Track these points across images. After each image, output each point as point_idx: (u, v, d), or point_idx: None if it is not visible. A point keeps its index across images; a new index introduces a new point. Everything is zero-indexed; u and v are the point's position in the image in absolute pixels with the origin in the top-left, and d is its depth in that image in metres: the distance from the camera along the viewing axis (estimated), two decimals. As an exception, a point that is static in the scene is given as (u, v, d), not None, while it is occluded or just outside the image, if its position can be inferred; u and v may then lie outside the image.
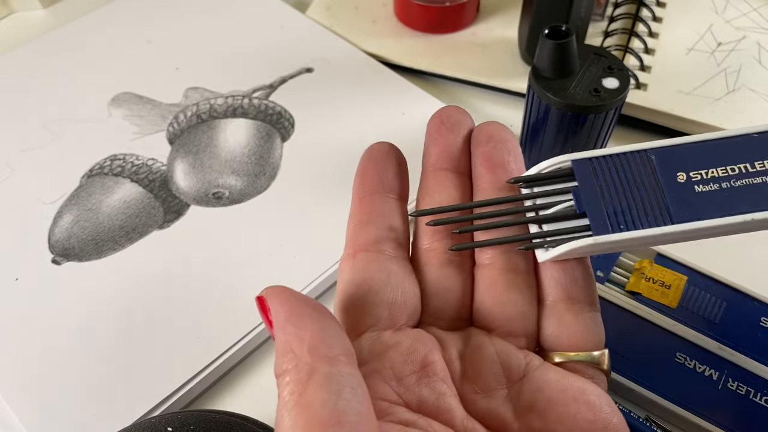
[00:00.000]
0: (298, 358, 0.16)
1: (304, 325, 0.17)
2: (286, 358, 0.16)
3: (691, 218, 0.18)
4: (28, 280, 0.32)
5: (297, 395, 0.16)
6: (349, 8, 0.47)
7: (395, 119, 0.39)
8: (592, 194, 0.19)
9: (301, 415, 0.15)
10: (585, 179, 0.19)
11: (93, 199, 0.36)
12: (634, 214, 0.19)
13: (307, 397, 0.15)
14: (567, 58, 0.32)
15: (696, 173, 0.19)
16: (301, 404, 0.15)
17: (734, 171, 0.19)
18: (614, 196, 0.19)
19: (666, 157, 0.19)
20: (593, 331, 0.21)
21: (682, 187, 0.19)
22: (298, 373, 0.16)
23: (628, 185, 0.19)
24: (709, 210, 0.18)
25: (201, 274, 0.33)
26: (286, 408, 0.16)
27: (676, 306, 0.30)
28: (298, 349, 0.16)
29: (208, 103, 0.40)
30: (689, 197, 0.18)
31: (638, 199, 0.19)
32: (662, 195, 0.19)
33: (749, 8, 0.45)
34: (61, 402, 0.28)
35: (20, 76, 0.43)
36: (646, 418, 0.28)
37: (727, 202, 0.18)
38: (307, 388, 0.16)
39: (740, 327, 0.29)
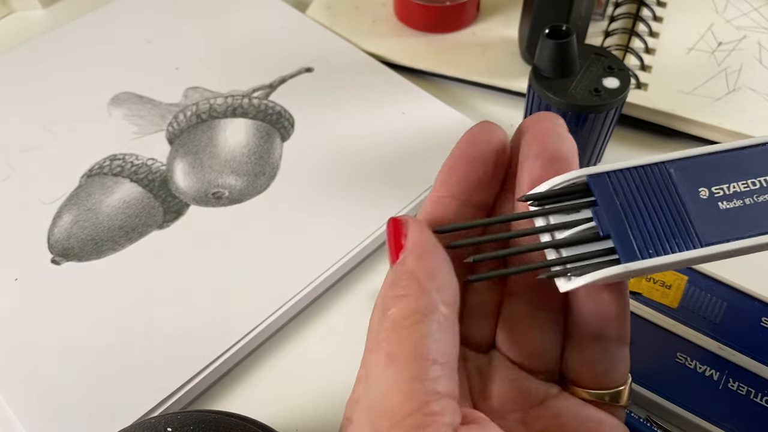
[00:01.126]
0: (425, 292, 0.16)
1: (437, 266, 0.17)
2: (410, 284, 0.16)
3: (720, 239, 0.17)
4: (27, 280, 0.32)
5: (412, 321, 0.16)
6: (349, 8, 0.47)
7: (395, 119, 0.39)
8: (614, 214, 0.18)
9: (409, 338, 0.15)
10: (605, 197, 0.18)
11: (92, 199, 0.36)
12: (662, 237, 0.17)
13: (422, 330, 0.16)
14: (567, 58, 0.32)
15: (718, 188, 0.18)
16: (414, 329, 0.16)
17: (755, 185, 0.18)
18: (638, 217, 0.18)
19: (684, 171, 0.18)
20: (619, 369, 0.20)
21: (706, 204, 0.18)
22: (418, 303, 0.16)
23: (650, 203, 0.18)
24: (738, 229, 0.17)
25: (201, 274, 0.32)
26: (397, 328, 0.16)
27: (676, 306, 0.30)
28: (427, 285, 0.16)
29: (207, 102, 0.40)
30: (715, 215, 0.17)
31: (663, 219, 0.17)
32: (686, 214, 0.17)
33: (750, 8, 0.45)
34: (61, 402, 0.28)
35: (20, 76, 0.43)
36: (647, 418, 0.28)
37: (754, 219, 0.17)
38: (424, 319, 0.16)
39: (741, 327, 0.29)
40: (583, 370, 0.20)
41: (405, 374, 0.15)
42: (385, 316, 0.16)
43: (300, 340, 0.32)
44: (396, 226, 0.18)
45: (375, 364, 0.16)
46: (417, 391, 0.15)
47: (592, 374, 0.20)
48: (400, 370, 0.15)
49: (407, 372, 0.15)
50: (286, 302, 0.31)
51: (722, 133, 0.38)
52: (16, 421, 0.28)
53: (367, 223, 0.34)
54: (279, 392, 0.30)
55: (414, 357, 0.15)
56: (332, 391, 0.30)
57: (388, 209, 0.35)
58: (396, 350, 0.16)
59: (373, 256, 0.35)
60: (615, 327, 0.20)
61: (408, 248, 0.17)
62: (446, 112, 0.40)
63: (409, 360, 0.15)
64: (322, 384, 0.31)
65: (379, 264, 0.35)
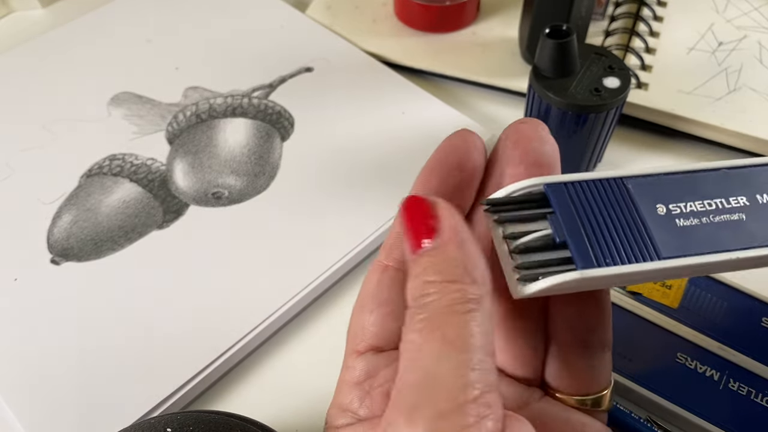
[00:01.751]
0: (476, 281, 0.16)
1: (478, 255, 0.16)
2: (458, 271, 0.16)
3: (678, 254, 0.17)
4: (27, 280, 0.32)
5: (466, 308, 0.15)
6: (349, 7, 0.47)
7: (395, 119, 0.39)
8: (571, 223, 0.17)
9: (466, 325, 0.15)
10: (562, 206, 0.17)
11: (92, 199, 0.36)
12: (619, 247, 0.17)
13: (475, 316, 0.15)
14: (568, 58, 0.32)
15: (675, 206, 0.18)
16: (470, 317, 0.15)
17: (711, 206, 0.18)
18: (596, 227, 0.17)
19: (642, 188, 0.18)
20: (601, 374, 0.20)
21: (663, 220, 0.18)
22: (470, 292, 0.15)
23: (608, 215, 0.17)
24: (695, 245, 0.17)
25: (200, 274, 0.32)
26: (452, 309, 0.15)
27: (677, 306, 0.30)
28: (473, 273, 0.16)
29: (207, 102, 0.40)
30: (673, 231, 0.17)
31: (621, 231, 0.17)
32: (644, 227, 0.17)
33: (750, 7, 0.45)
34: (60, 402, 0.28)
35: (19, 76, 0.42)
36: (647, 418, 0.28)
37: (711, 238, 0.17)
38: (478, 308, 0.15)
39: (741, 327, 0.29)
40: (565, 376, 0.20)
41: (462, 361, 0.15)
42: (427, 301, 0.16)
43: (300, 340, 0.32)
44: (422, 207, 0.17)
45: (426, 344, 0.15)
46: (474, 381, 0.14)
47: (574, 380, 0.20)
48: (457, 356, 0.15)
49: (465, 359, 0.15)
50: (286, 302, 0.31)
51: (723, 133, 0.38)
52: (15, 421, 0.28)
53: (367, 223, 0.34)
54: (279, 392, 0.30)
55: (470, 345, 0.15)
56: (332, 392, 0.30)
57: (388, 209, 0.35)
58: (453, 334, 0.15)
59: (373, 256, 0.35)
60: (597, 333, 0.20)
61: (446, 233, 0.16)
62: (446, 111, 0.40)
63: (466, 347, 0.15)
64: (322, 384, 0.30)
65: (379, 264, 0.35)
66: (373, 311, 0.20)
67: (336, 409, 0.19)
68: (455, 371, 0.14)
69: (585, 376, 0.20)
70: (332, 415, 0.20)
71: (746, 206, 0.18)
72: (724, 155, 0.39)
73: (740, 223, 0.18)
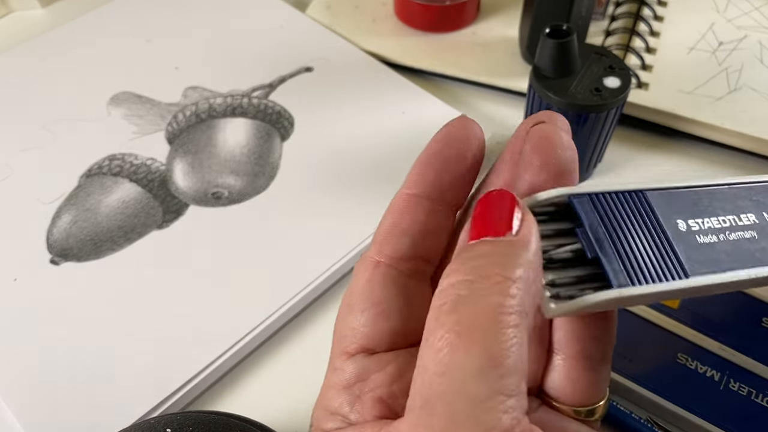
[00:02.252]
0: (530, 294, 0.14)
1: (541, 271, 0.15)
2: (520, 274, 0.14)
3: (705, 271, 0.17)
4: (26, 280, 0.32)
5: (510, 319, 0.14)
6: (349, 7, 0.47)
7: (395, 119, 0.39)
8: (601, 238, 0.16)
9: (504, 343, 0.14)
10: (590, 219, 0.17)
11: (91, 199, 0.36)
12: (650, 265, 0.16)
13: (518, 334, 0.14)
14: (568, 58, 0.32)
15: (694, 222, 0.17)
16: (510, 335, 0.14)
17: (725, 223, 0.18)
18: (624, 243, 0.16)
19: (661, 202, 0.18)
20: (599, 387, 0.20)
21: (685, 238, 0.17)
22: (524, 302, 0.14)
23: (635, 230, 0.17)
24: (719, 263, 0.17)
25: (200, 274, 0.32)
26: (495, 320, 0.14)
27: (677, 306, 0.30)
28: (533, 285, 0.15)
29: (207, 102, 0.40)
30: (695, 248, 0.17)
31: (649, 248, 0.17)
32: (670, 244, 0.17)
33: (751, 7, 0.45)
34: (60, 402, 0.28)
35: (19, 76, 0.42)
36: (648, 419, 0.28)
37: (732, 254, 0.17)
38: (522, 326, 0.14)
39: (742, 327, 0.29)
40: (565, 387, 0.19)
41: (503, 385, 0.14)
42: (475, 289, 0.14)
43: (300, 340, 0.32)
44: (505, 200, 0.16)
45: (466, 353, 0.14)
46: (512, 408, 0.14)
47: (573, 392, 0.19)
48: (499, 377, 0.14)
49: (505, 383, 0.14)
50: (286, 302, 0.31)
51: (723, 132, 0.38)
52: (15, 421, 0.28)
53: (368, 223, 0.34)
54: (279, 392, 0.30)
55: (511, 366, 0.14)
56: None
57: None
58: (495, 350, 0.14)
59: (373, 256, 0.35)
60: (600, 347, 0.19)
61: (525, 232, 0.15)
62: (446, 111, 0.40)
63: (508, 368, 0.14)
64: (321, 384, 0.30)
65: (379, 264, 0.35)
66: (364, 311, 0.19)
67: (323, 411, 0.19)
68: (493, 395, 0.13)
69: (585, 388, 0.19)
70: (319, 418, 0.19)
71: (756, 224, 0.18)
72: (725, 155, 0.39)
73: (752, 242, 0.18)
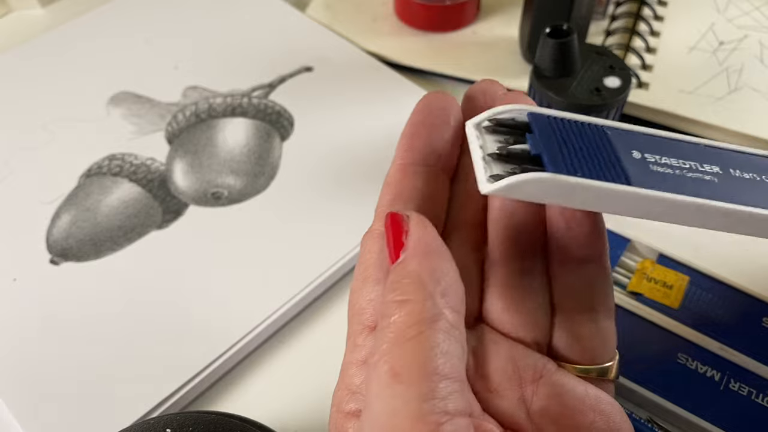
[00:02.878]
0: (430, 297, 0.15)
1: (442, 269, 0.16)
2: (412, 288, 0.15)
3: (648, 186, 0.17)
4: (26, 280, 0.32)
5: (416, 330, 0.15)
6: (349, 7, 0.47)
7: (395, 119, 0.39)
8: (549, 142, 0.17)
9: (414, 351, 0.14)
10: (543, 130, 0.18)
11: (91, 199, 0.36)
12: (591, 166, 0.17)
13: (428, 341, 0.14)
14: (568, 57, 0.32)
15: (651, 156, 0.18)
16: (418, 340, 0.14)
17: (685, 165, 0.18)
18: (572, 149, 0.17)
19: (620, 136, 0.18)
20: (607, 342, 0.20)
21: (637, 162, 0.18)
22: (422, 310, 0.15)
23: (585, 148, 0.18)
24: (666, 186, 0.17)
25: (200, 274, 0.32)
26: (399, 339, 0.15)
27: (678, 306, 0.30)
28: (432, 288, 0.15)
29: (207, 102, 0.40)
30: (646, 170, 0.18)
31: (595, 156, 0.18)
32: (619, 162, 0.18)
33: (751, 7, 0.45)
34: (60, 402, 0.28)
35: (19, 76, 0.42)
36: (648, 419, 0.28)
37: (682, 185, 0.18)
38: (429, 329, 0.15)
39: (742, 327, 0.29)
40: (574, 344, 0.20)
41: (412, 393, 0.14)
42: (386, 324, 0.15)
43: (300, 340, 0.32)
44: (395, 222, 0.17)
45: (377, 382, 0.15)
46: (427, 413, 0.14)
47: (582, 348, 0.20)
48: (406, 389, 0.14)
49: (415, 391, 0.14)
50: (286, 302, 0.31)
51: (724, 132, 0.38)
52: (14, 421, 0.28)
53: (368, 223, 0.34)
54: (279, 392, 0.30)
55: (421, 373, 0.14)
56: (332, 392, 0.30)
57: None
58: (400, 365, 0.14)
59: (373, 256, 0.35)
60: (600, 296, 0.20)
61: (410, 246, 0.16)
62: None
63: (416, 377, 0.14)
64: (322, 384, 0.30)
65: (379, 264, 0.35)
66: (380, 280, 0.19)
67: (344, 391, 0.18)
68: (403, 410, 0.14)
69: (593, 343, 0.20)
70: (341, 398, 0.18)
71: (719, 173, 0.18)
72: (725, 155, 0.39)
73: (711, 184, 0.18)
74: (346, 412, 0.18)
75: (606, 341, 0.20)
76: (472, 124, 0.19)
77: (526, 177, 0.16)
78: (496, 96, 0.21)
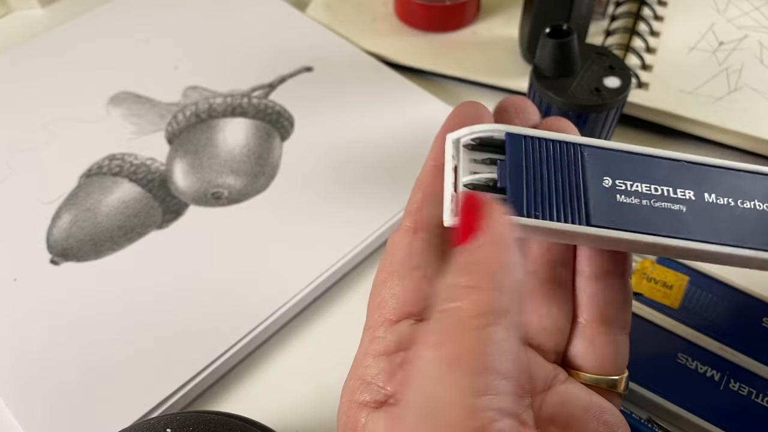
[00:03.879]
0: (499, 289, 0.15)
1: (514, 265, 0.16)
2: (486, 276, 0.15)
3: (606, 225, 0.18)
4: (26, 280, 0.32)
5: (482, 322, 0.14)
6: (349, 7, 0.47)
7: (395, 119, 0.39)
8: (517, 172, 0.18)
9: (477, 343, 0.14)
10: (514, 155, 0.18)
11: (91, 199, 0.36)
12: (552, 205, 0.18)
13: (493, 335, 0.14)
14: (568, 57, 0.32)
15: (621, 182, 0.18)
16: (483, 333, 0.14)
17: (657, 191, 0.19)
18: (538, 181, 0.18)
19: (597, 157, 0.19)
20: (620, 355, 0.20)
21: (605, 192, 0.18)
22: (491, 302, 0.15)
23: (554, 174, 0.18)
24: (628, 222, 0.18)
25: (200, 274, 0.32)
26: (463, 327, 0.14)
27: (678, 306, 0.30)
28: (503, 281, 0.15)
29: (207, 102, 0.40)
30: (611, 203, 0.18)
31: (560, 191, 0.18)
32: (584, 194, 0.18)
33: (751, 7, 0.45)
34: (60, 403, 0.28)
35: (19, 76, 0.42)
36: (648, 419, 0.28)
37: (647, 219, 0.18)
38: (495, 323, 0.14)
39: (742, 327, 0.29)
40: (589, 355, 0.20)
41: (468, 384, 0.14)
42: (447, 308, 0.15)
43: (300, 340, 0.32)
44: (474, 205, 0.16)
45: (430, 365, 0.14)
46: (481, 408, 0.13)
47: (594, 357, 0.20)
48: (462, 378, 0.14)
49: (471, 382, 0.14)
50: (286, 302, 0.31)
51: (724, 132, 0.38)
52: (14, 421, 0.28)
53: (368, 223, 0.34)
54: (279, 392, 0.30)
55: (480, 366, 0.14)
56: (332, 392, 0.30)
57: (389, 209, 0.35)
58: (459, 353, 0.14)
59: (373, 256, 0.35)
60: (619, 311, 0.20)
61: (488, 234, 0.16)
62: (447, 111, 0.40)
63: (475, 369, 0.14)
64: (322, 384, 0.30)
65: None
66: (405, 276, 0.19)
67: (358, 381, 0.18)
68: (457, 399, 0.13)
69: (607, 354, 0.20)
70: (354, 389, 0.18)
71: (690, 200, 0.19)
72: (725, 155, 0.39)
73: (678, 214, 0.18)
74: (359, 402, 0.18)
75: (619, 354, 0.20)
76: (452, 139, 0.19)
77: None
78: (530, 118, 0.21)
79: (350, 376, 0.19)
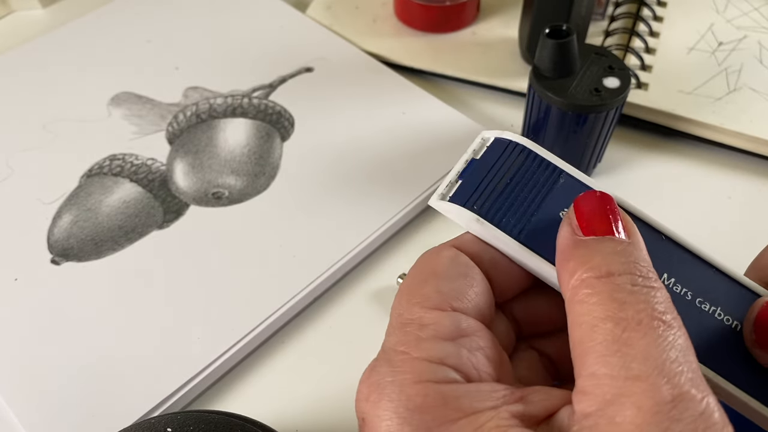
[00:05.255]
0: (661, 290, 0.16)
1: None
2: (653, 276, 0.16)
3: (530, 246, 0.18)
4: (27, 280, 0.32)
5: (670, 317, 0.16)
6: (349, 8, 0.47)
7: (395, 119, 0.39)
8: (480, 172, 0.19)
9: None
10: (488, 157, 0.19)
11: (92, 199, 0.36)
12: (495, 210, 0.18)
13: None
14: (568, 58, 0.32)
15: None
16: (670, 335, 0.15)
17: None
18: (494, 185, 0.19)
19: (569, 188, 0.19)
20: None
21: (553, 222, 0.18)
22: (666, 301, 0.16)
23: (516, 186, 0.19)
24: (548, 251, 0.18)
25: (201, 274, 0.32)
26: (657, 312, 0.15)
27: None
28: (656, 284, 0.16)
29: (207, 102, 0.40)
30: (549, 233, 0.18)
31: (515, 203, 0.19)
32: (534, 213, 0.19)
33: (750, 8, 0.45)
34: (61, 402, 0.28)
35: (19, 76, 0.42)
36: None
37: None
38: (671, 328, 0.15)
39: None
40: None
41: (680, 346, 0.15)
42: (637, 288, 0.16)
43: (300, 340, 0.32)
44: (606, 199, 0.17)
45: (644, 327, 0.15)
46: (686, 385, 0.15)
47: None
48: (675, 341, 0.15)
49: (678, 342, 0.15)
50: (286, 302, 0.31)
51: (723, 133, 0.38)
52: (15, 421, 0.28)
53: (368, 223, 0.34)
54: (279, 392, 0.30)
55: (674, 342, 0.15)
56: (332, 391, 0.30)
57: (389, 209, 0.35)
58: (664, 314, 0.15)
59: (373, 256, 0.35)
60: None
61: (636, 236, 0.17)
62: (447, 112, 0.40)
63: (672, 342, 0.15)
64: (322, 384, 0.31)
65: (379, 264, 0.35)
66: (453, 279, 0.18)
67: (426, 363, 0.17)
68: (681, 357, 0.15)
69: None
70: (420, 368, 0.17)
71: None
72: (724, 155, 0.39)
73: None
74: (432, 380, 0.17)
75: None
76: (481, 136, 0.20)
77: (433, 203, 0.19)
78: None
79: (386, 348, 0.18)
